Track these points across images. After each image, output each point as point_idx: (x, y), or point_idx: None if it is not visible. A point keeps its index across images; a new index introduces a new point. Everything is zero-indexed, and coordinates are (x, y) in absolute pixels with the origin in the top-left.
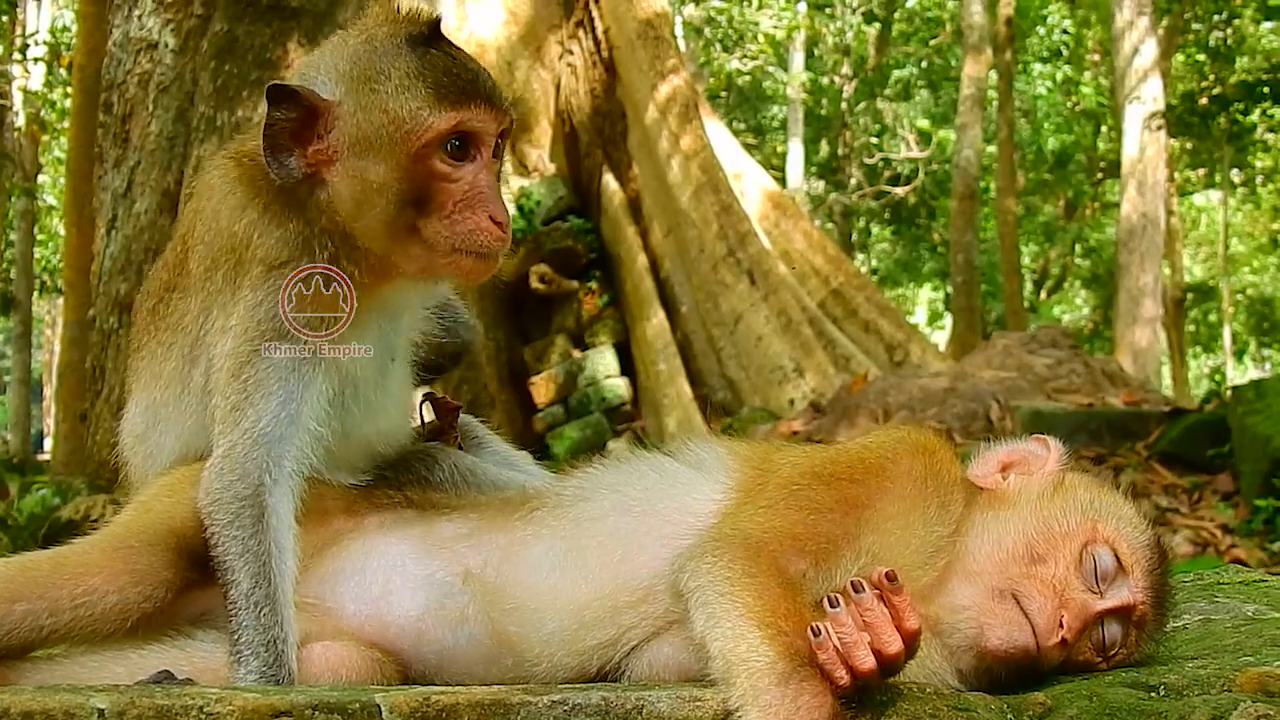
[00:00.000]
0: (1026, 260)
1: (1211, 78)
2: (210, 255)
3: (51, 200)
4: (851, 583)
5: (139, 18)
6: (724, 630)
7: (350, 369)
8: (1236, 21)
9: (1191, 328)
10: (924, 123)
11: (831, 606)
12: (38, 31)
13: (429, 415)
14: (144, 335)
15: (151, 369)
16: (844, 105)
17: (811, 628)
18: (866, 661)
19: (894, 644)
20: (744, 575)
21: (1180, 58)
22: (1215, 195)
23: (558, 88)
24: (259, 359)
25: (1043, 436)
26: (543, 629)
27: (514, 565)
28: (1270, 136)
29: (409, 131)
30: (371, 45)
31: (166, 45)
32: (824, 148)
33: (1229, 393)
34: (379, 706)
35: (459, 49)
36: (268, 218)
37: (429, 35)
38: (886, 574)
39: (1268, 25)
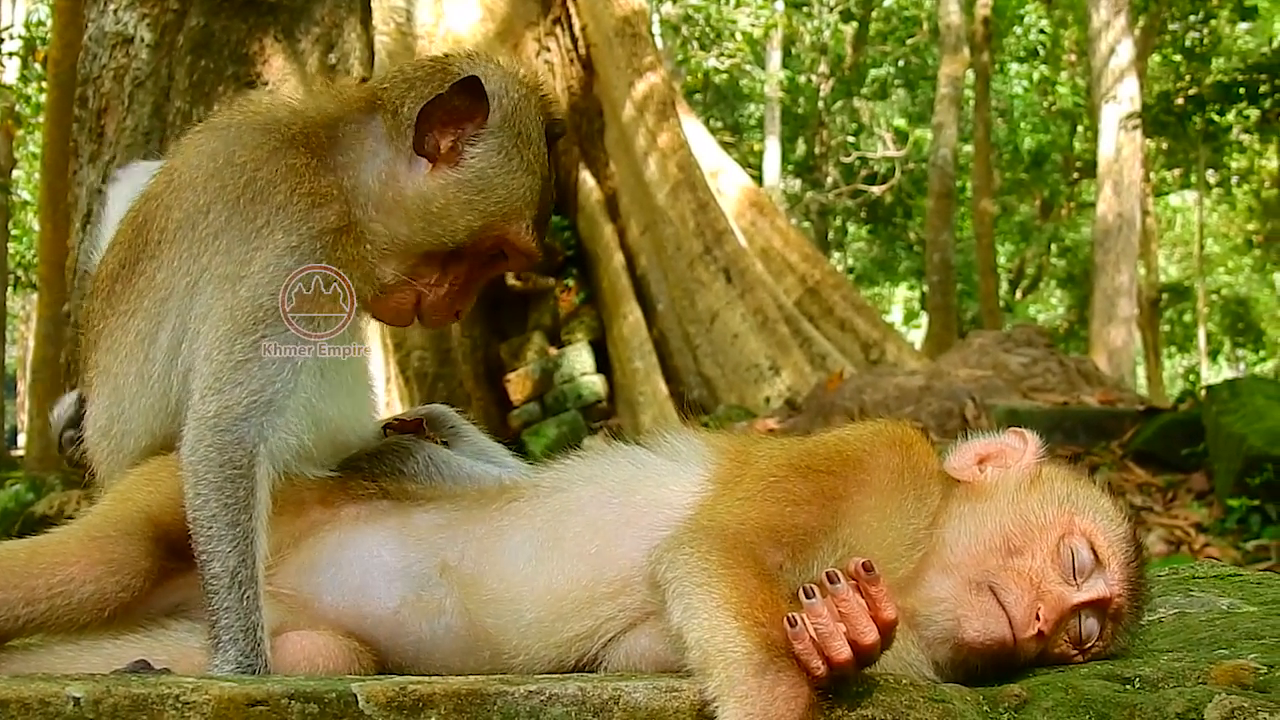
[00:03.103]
0: (1002, 259)
1: (1187, 78)
2: (205, 198)
3: (26, 195)
4: (827, 574)
5: (114, 12)
6: (701, 621)
7: (344, 342)
8: (1213, 22)
9: (1166, 328)
10: (901, 122)
11: (808, 597)
12: (12, 26)
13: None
14: (100, 323)
15: (111, 349)
16: (821, 104)
17: (788, 618)
18: (842, 652)
19: (870, 634)
20: (721, 567)
21: (1156, 58)
22: (1191, 196)
23: None
24: (277, 319)
25: (1019, 430)
26: (520, 620)
27: (491, 557)
28: (1246, 137)
29: (509, 222)
30: (527, 106)
31: (142, 40)
32: (801, 146)
33: (1203, 392)
34: (355, 696)
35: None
36: (314, 164)
37: (559, 134)
38: (863, 565)
39: (1244, 26)
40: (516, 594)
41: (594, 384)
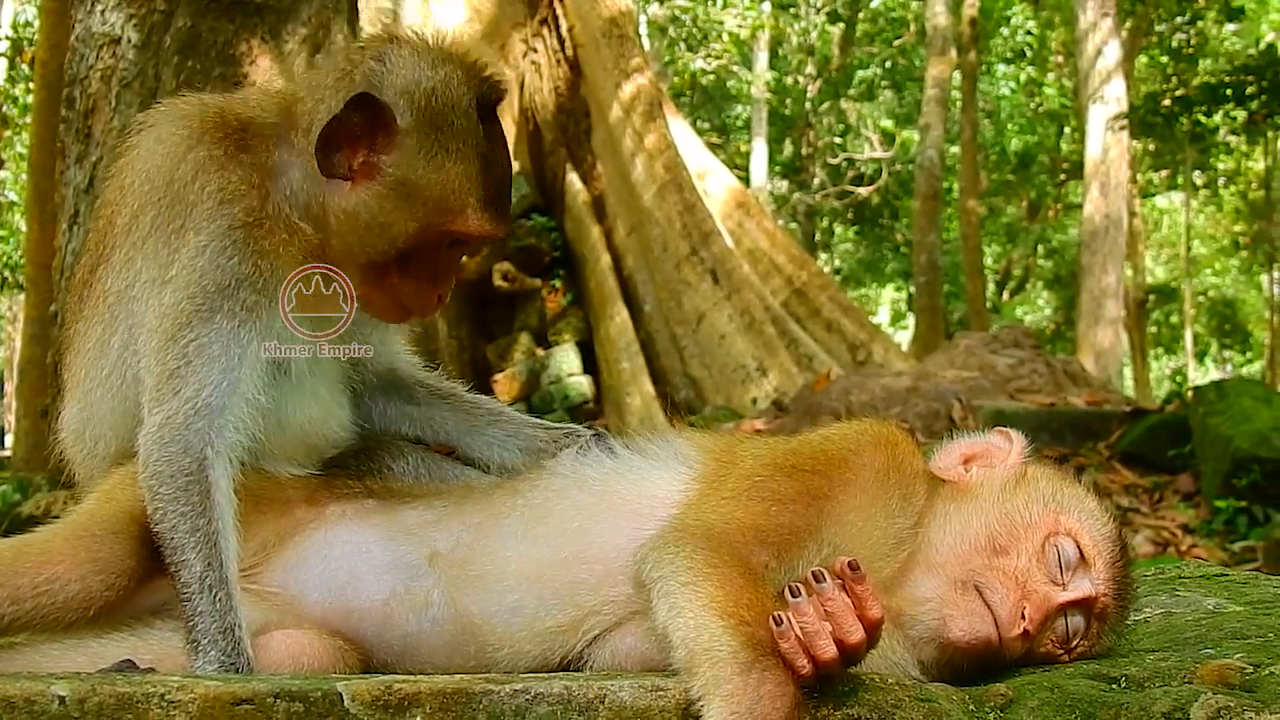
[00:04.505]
0: (989, 261)
1: (1175, 79)
2: (139, 201)
3: (13, 196)
4: (813, 573)
5: (101, 13)
6: (687, 620)
7: (272, 338)
8: (1199, 23)
9: (1153, 329)
10: (888, 123)
11: (793, 596)
12: None
13: None
14: (71, 325)
15: (80, 353)
16: (808, 105)
17: (773, 617)
18: (828, 650)
19: (855, 633)
20: (707, 566)
21: (1143, 59)
22: (1178, 197)
23: (521, 86)
24: (200, 320)
25: (1005, 430)
26: (503, 603)
27: (483, 539)
28: (1233, 138)
29: (450, 214)
30: (448, 90)
31: (129, 41)
32: (788, 147)
33: (1190, 394)
34: (341, 695)
35: (503, 131)
36: (223, 158)
37: (494, 103)
38: (849, 563)
39: (1230, 27)
40: (501, 572)
41: (581, 385)
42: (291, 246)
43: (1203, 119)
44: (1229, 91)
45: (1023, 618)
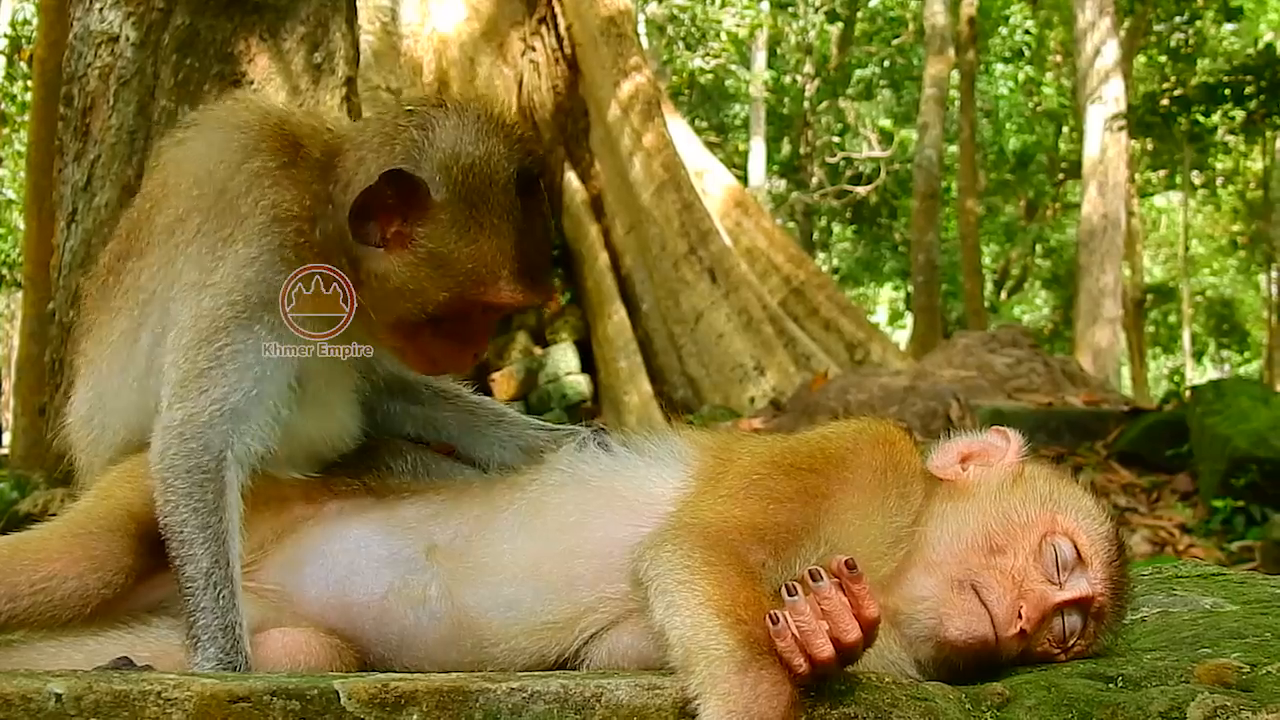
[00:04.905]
0: (987, 260)
1: (1173, 79)
2: (185, 204)
3: (11, 194)
4: (810, 571)
5: (100, 11)
6: (683, 618)
7: (306, 362)
8: (1198, 23)
9: (1151, 329)
10: (886, 122)
11: (790, 595)
12: None
13: None
14: (91, 313)
15: (98, 341)
16: (806, 104)
17: (770, 615)
18: (825, 649)
19: (852, 632)
20: (704, 564)
21: (1142, 59)
22: (1176, 197)
23: (520, 84)
24: (239, 327)
25: (1002, 429)
26: (500, 596)
27: (481, 531)
28: (1231, 138)
29: (482, 286)
30: (487, 164)
31: (128, 39)
32: (786, 146)
33: (1188, 393)
34: (337, 693)
35: (547, 199)
36: (278, 172)
37: (534, 178)
38: (846, 562)
39: (1229, 27)
40: (498, 565)
41: (579, 384)
42: (339, 284)
43: (1201, 119)
44: (1227, 91)
45: (1019, 617)
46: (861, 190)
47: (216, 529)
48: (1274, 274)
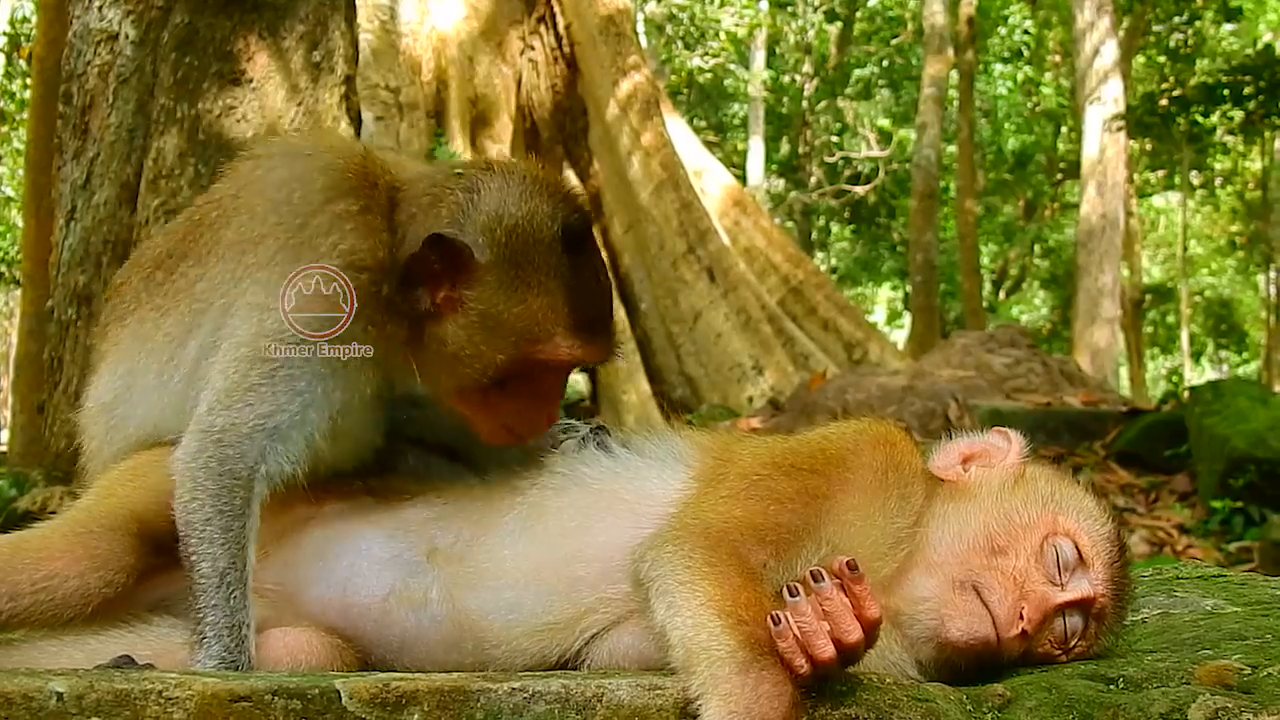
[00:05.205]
0: (986, 260)
1: (1172, 79)
2: (261, 228)
3: (10, 192)
4: (811, 572)
5: (99, 9)
6: (684, 619)
7: (349, 397)
8: (1197, 23)
9: (1150, 329)
10: (884, 122)
11: (791, 596)
12: None
13: None
14: (132, 303)
15: (138, 335)
16: (805, 103)
17: (771, 616)
18: (826, 650)
19: (854, 633)
20: (705, 564)
21: (1141, 59)
22: (1174, 197)
23: (519, 83)
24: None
25: (1004, 430)
26: (501, 598)
27: (483, 534)
28: (1230, 139)
29: (537, 344)
30: (530, 224)
31: (127, 37)
32: (784, 146)
33: (1186, 394)
34: (339, 692)
35: (597, 252)
36: (358, 216)
37: (581, 234)
38: (847, 563)
39: (1228, 27)
40: (499, 569)
41: (576, 383)
42: (399, 329)
43: (1200, 119)
44: (1226, 92)
45: (1021, 618)
46: (860, 190)
47: (239, 532)
48: (1272, 274)
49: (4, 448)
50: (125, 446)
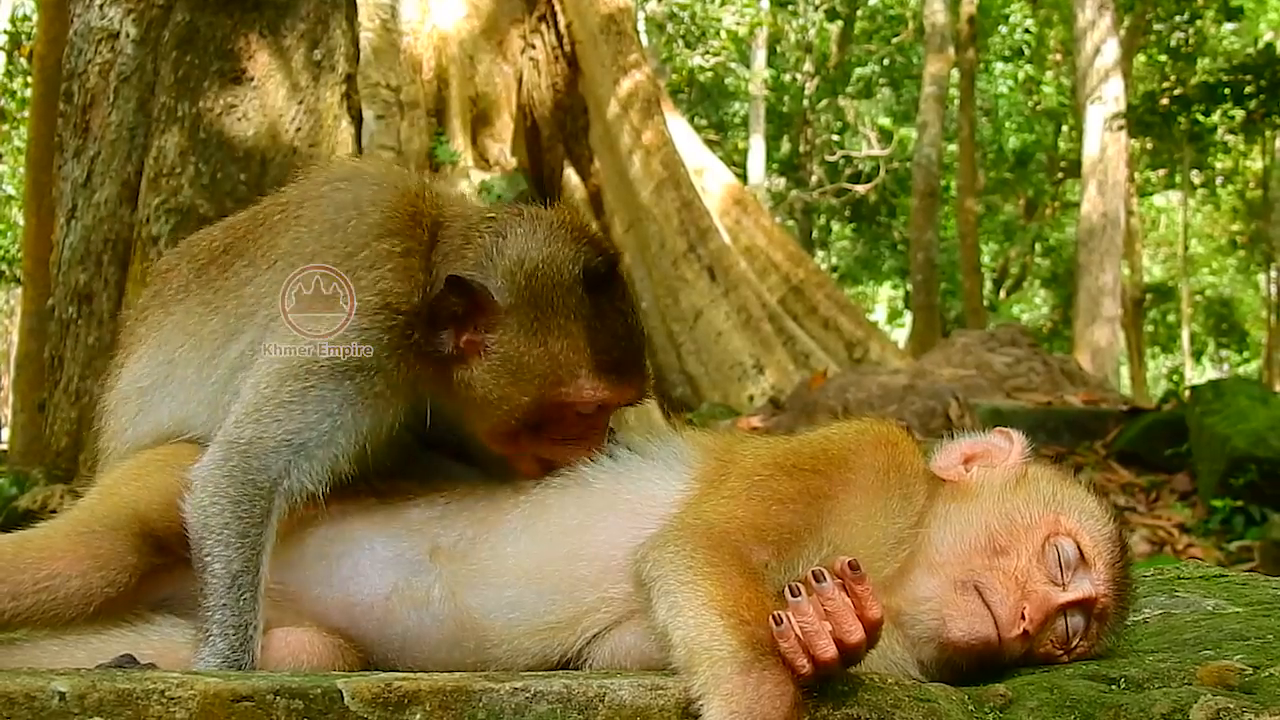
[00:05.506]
0: (986, 259)
1: (1173, 78)
2: (312, 249)
3: (11, 190)
4: (813, 572)
5: (100, 7)
6: (686, 619)
7: (376, 426)
8: (1198, 22)
9: (1150, 328)
10: (885, 120)
11: (793, 596)
12: None
13: None
14: (180, 292)
15: (183, 326)
16: (806, 102)
17: (773, 616)
18: (828, 650)
19: (855, 633)
20: (706, 565)
21: (1142, 58)
22: (1175, 196)
23: (519, 81)
24: (331, 377)
25: (1006, 429)
26: (503, 597)
27: (485, 535)
28: (1230, 138)
29: (562, 386)
30: (552, 266)
31: (128, 35)
32: (785, 144)
33: (1187, 393)
34: (341, 692)
35: (625, 295)
36: (401, 258)
37: (604, 277)
38: (849, 563)
39: (1229, 26)
40: (501, 567)
41: None
42: (428, 369)
43: (1200, 118)
44: (1227, 91)
45: (1022, 618)
46: (861, 189)
47: (256, 539)
48: (1273, 274)
49: (5, 446)
50: (150, 432)
